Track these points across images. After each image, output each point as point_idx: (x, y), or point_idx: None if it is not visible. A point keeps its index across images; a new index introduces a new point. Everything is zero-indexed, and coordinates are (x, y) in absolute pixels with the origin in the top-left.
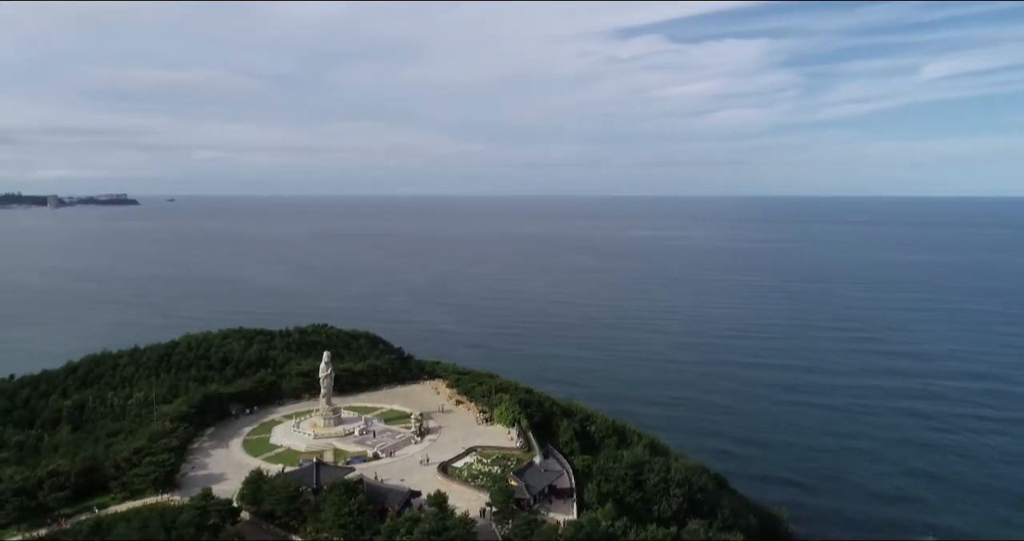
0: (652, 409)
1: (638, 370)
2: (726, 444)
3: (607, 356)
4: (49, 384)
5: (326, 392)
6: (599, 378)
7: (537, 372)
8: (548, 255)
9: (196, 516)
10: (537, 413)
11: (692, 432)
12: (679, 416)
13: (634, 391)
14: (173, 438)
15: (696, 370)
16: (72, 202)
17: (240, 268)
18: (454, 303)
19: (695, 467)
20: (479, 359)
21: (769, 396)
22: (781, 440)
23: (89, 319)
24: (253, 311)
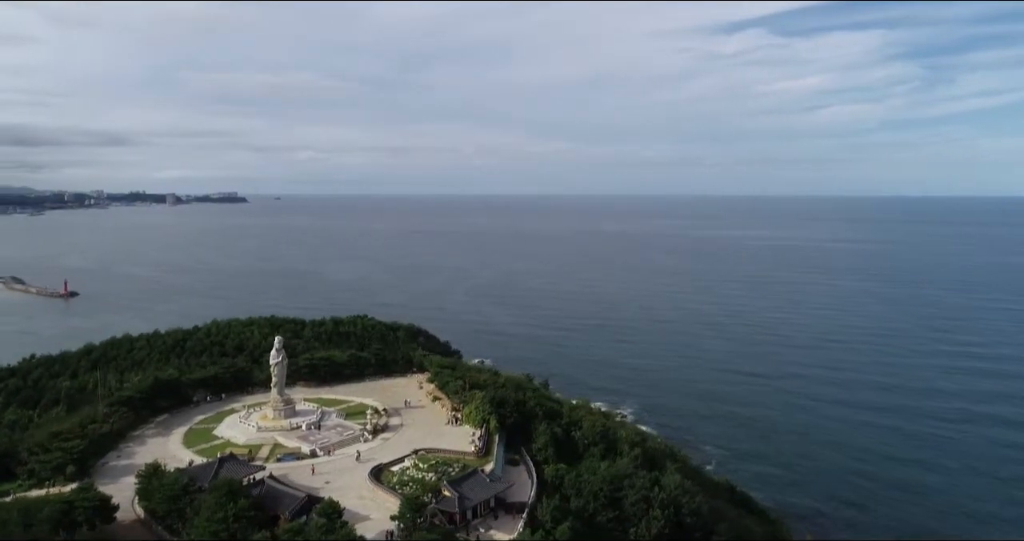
0: (708, 426)
1: (700, 380)
2: (778, 469)
3: (668, 363)
4: (63, 365)
5: (277, 381)
6: (653, 387)
7: (585, 377)
8: (626, 253)
9: (59, 512)
10: (512, 414)
11: (744, 455)
12: (734, 435)
13: (691, 404)
14: (105, 424)
15: (766, 383)
16: (188, 200)
17: (322, 262)
18: (517, 300)
19: (689, 487)
20: (525, 359)
21: (846, 417)
22: (848, 468)
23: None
24: (318, 302)
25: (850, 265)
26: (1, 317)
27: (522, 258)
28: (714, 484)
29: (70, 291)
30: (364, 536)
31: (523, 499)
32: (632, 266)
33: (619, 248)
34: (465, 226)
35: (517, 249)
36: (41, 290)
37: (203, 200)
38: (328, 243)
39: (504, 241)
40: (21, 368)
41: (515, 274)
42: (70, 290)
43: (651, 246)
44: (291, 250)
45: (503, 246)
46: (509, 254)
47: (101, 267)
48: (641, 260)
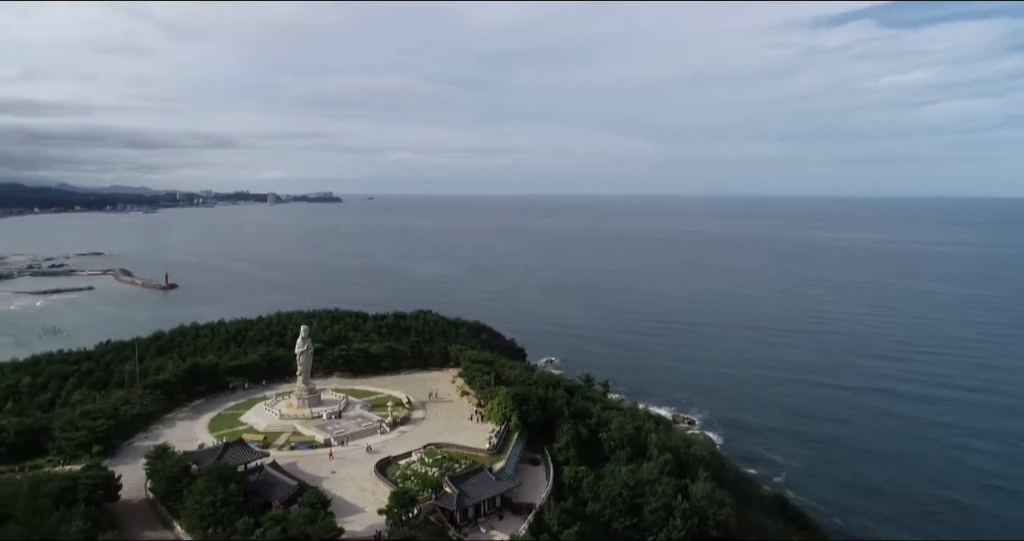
0: (781, 439)
1: (779, 390)
2: (851, 491)
3: (745, 370)
4: (132, 350)
5: (302, 370)
6: (726, 394)
7: (653, 380)
8: (711, 254)
9: (61, 488)
10: (535, 412)
11: (817, 472)
12: (809, 450)
13: (766, 414)
14: (136, 406)
15: (851, 397)
16: (287, 199)
17: (406, 259)
18: (593, 301)
19: (719, 497)
20: (592, 360)
21: (939, 439)
22: (936, 497)
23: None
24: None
25: (965, 271)
26: (108, 305)
27: (603, 259)
28: (761, 496)
29: (170, 283)
30: (344, 529)
31: (535, 500)
32: (717, 268)
33: (704, 249)
34: (547, 226)
35: (599, 250)
36: (145, 282)
37: (300, 199)
38: (414, 242)
39: (586, 242)
40: (96, 352)
41: (594, 274)
42: (170, 282)
43: (738, 248)
44: (378, 248)
45: (585, 246)
46: (591, 255)
47: (201, 261)
48: (726, 262)
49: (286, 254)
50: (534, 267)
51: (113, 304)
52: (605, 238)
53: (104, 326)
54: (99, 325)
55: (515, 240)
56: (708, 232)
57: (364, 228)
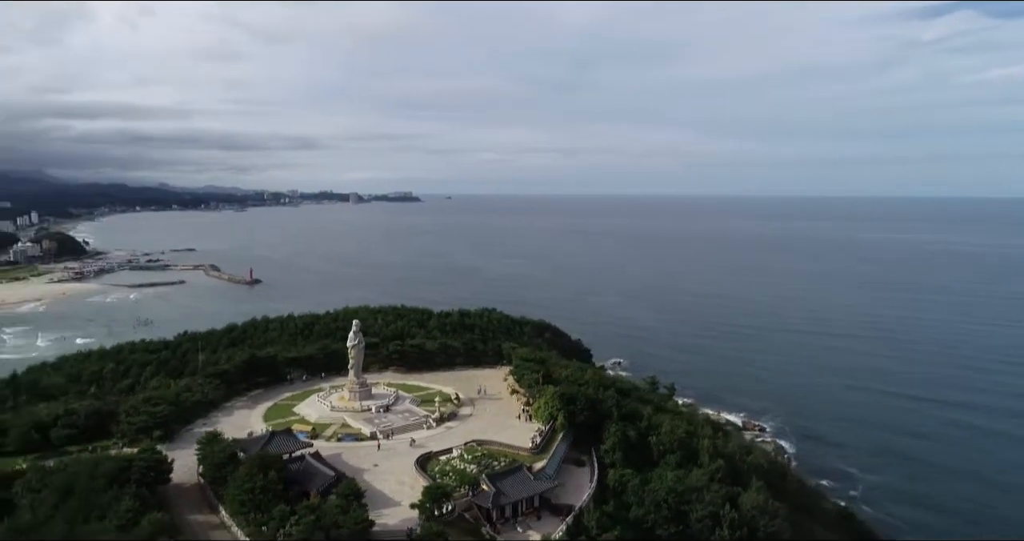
0: (860, 453)
1: (860, 400)
2: (933, 513)
3: (824, 378)
4: (206, 341)
5: (354, 364)
6: (803, 402)
7: (725, 385)
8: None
9: (116, 469)
10: (583, 412)
11: (898, 491)
12: (891, 466)
13: (846, 426)
14: (197, 393)
15: (942, 411)
16: (368, 199)
17: (481, 258)
18: (669, 303)
19: (772, 507)
20: (663, 363)
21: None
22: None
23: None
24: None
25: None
26: (196, 299)
27: (678, 259)
28: (824, 510)
29: (254, 278)
30: (377, 521)
31: (576, 502)
32: (795, 271)
33: (784, 251)
34: (624, 226)
35: (674, 250)
36: (231, 277)
37: (381, 199)
38: (489, 241)
39: (663, 242)
40: (173, 342)
41: (673, 276)
42: (254, 278)
43: (818, 250)
44: (453, 247)
45: (661, 247)
46: (666, 255)
47: (284, 258)
48: (805, 265)
49: (365, 252)
50: (608, 267)
51: (200, 298)
52: (681, 239)
53: (190, 318)
54: (186, 317)
55: (591, 240)
56: (790, 233)
57: (441, 227)
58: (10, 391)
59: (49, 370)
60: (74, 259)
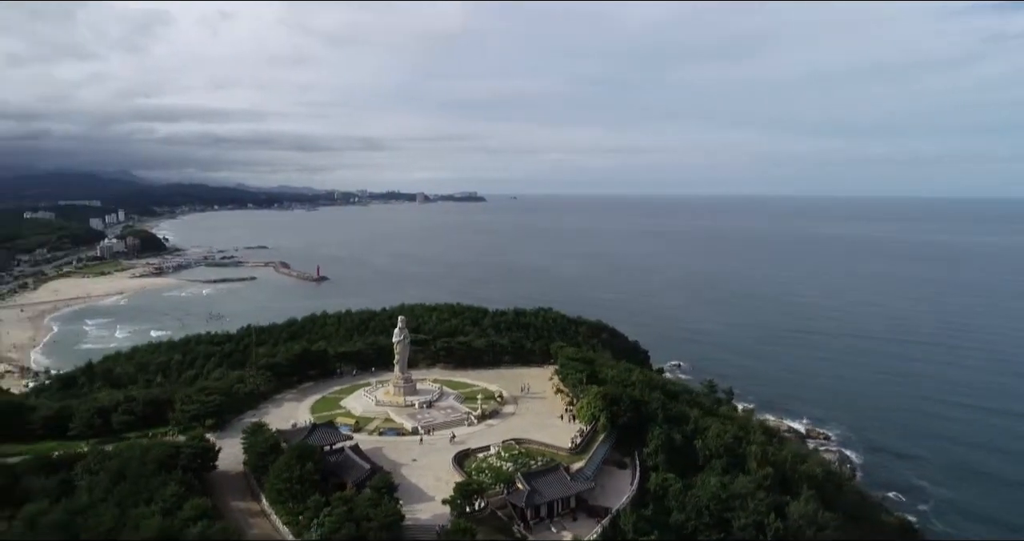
0: (932, 468)
1: (937, 412)
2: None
3: (898, 387)
4: (267, 335)
5: (399, 359)
6: (873, 412)
7: (790, 391)
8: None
9: (165, 455)
10: (626, 413)
11: (974, 509)
12: (967, 483)
13: (919, 439)
14: (248, 385)
15: (1018, 427)
16: (434, 199)
17: (543, 258)
18: (735, 306)
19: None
20: (724, 367)
21: None
22: None
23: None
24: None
25: None
26: (265, 294)
27: (752, 262)
28: (883, 523)
29: (321, 275)
30: (409, 515)
31: (614, 504)
32: (870, 275)
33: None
34: (696, 227)
35: (750, 253)
36: (300, 274)
37: (446, 199)
38: (553, 241)
39: (728, 243)
40: (236, 335)
41: (740, 278)
42: (321, 275)
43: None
44: (516, 246)
45: (734, 249)
46: (739, 257)
47: (351, 256)
48: (882, 268)
49: (429, 250)
50: (674, 268)
51: (269, 294)
52: (753, 240)
53: (258, 313)
54: (254, 312)
55: (657, 241)
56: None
57: (505, 227)
58: (86, 378)
59: (122, 360)
60: (155, 255)
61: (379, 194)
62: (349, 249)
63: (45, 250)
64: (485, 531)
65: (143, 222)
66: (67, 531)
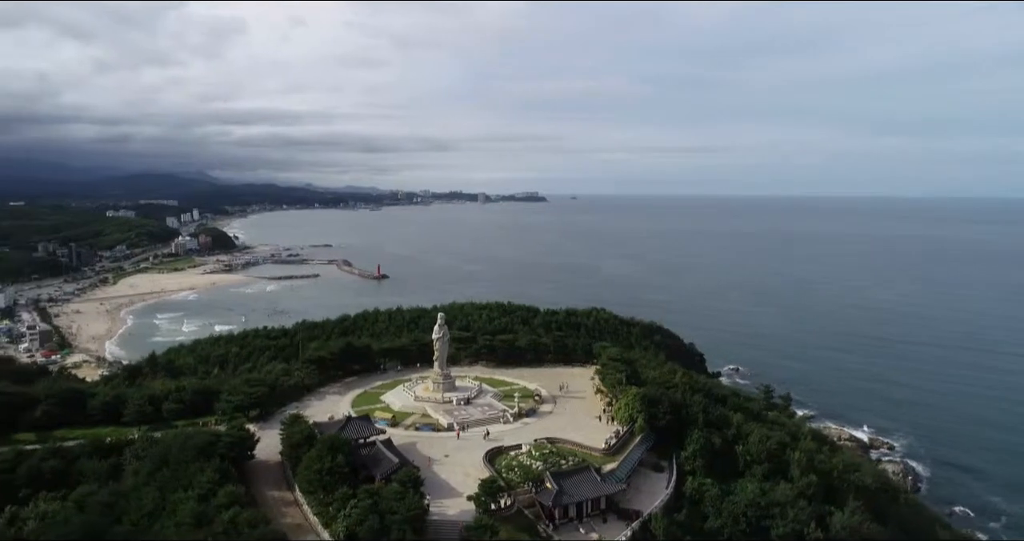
0: (1003, 485)
1: (1005, 426)
2: None
3: (964, 400)
4: (319, 330)
5: (438, 356)
6: (944, 423)
7: (852, 399)
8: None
9: (205, 443)
10: (665, 416)
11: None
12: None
13: (994, 451)
14: (293, 378)
15: None
16: (495, 199)
17: (601, 258)
18: (799, 310)
19: (868, 531)
20: (783, 372)
21: None
22: None
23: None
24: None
25: None
26: (327, 291)
27: (820, 264)
28: (937, 537)
29: (382, 274)
30: (435, 510)
31: (647, 507)
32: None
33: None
34: (763, 228)
35: (818, 254)
36: (361, 272)
37: (508, 199)
38: (611, 241)
39: (805, 245)
40: (291, 330)
41: (806, 282)
42: (382, 273)
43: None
44: (575, 246)
45: (802, 250)
46: (806, 259)
47: (412, 254)
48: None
49: (488, 250)
50: (736, 271)
51: (331, 291)
52: (822, 242)
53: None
54: (314, 308)
55: (720, 242)
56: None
57: (564, 227)
58: (149, 368)
59: (184, 352)
60: (225, 252)
61: (441, 194)
62: (410, 248)
63: (124, 247)
64: (508, 529)
65: (216, 221)
66: (112, 512)
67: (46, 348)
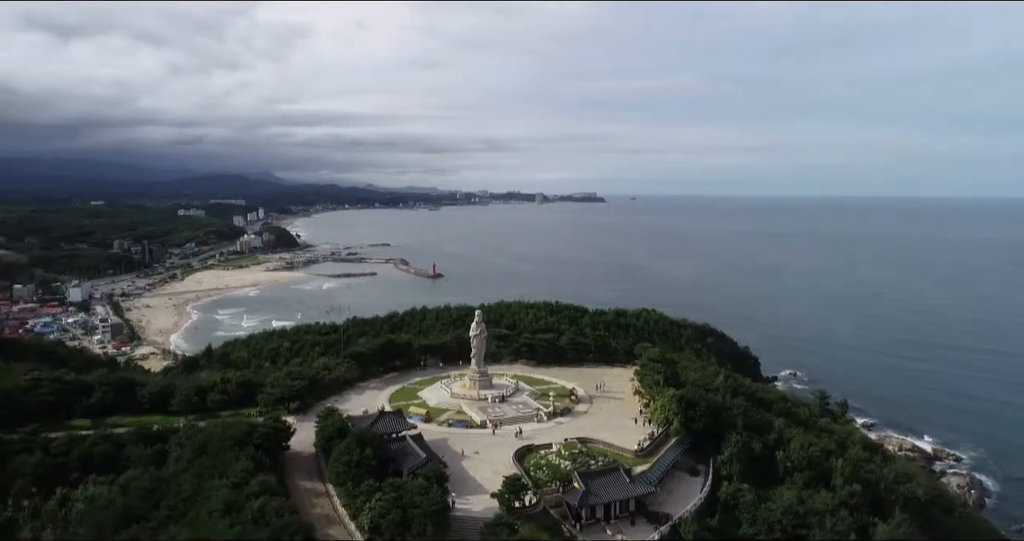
0: None
1: None
2: None
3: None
4: (368, 327)
5: (476, 353)
6: (1011, 441)
7: (919, 408)
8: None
9: (241, 433)
10: (701, 418)
11: None
12: None
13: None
14: (334, 372)
15: None
16: (553, 199)
17: (658, 259)
18: (866, 314)
19: None
20: (845, 379)
21: None
22: None
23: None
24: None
25: None
26: (383, 289)
27: (887, 268)
28: None
29: (437, 273)
30: (459, 506)
31: (679, 511)
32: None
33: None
34: (827, 230)
35: (885, 257)
36: (417, 271)
37: (566, 199)
38: (669, 242)
39: (872, 248)
40: (341, 326)
41: (873, 286)
42: (437, 272)
43: None
44: (631, 246)
45: (868, 253)
46: (873, 263)
47: (467, 254)
48: None
49: (543, 250)
50: (797, 273)
51: (386, 289)
52: (883, 244)
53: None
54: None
55: (782, 244)
56: None
57: (622, 228)
58: (205, 361)
59: (239, 346)
60: (287, 250)
61: (499, 194)
62: (466, 247)
63: (193, 244)
64: (531, 527)
65: (280, 220)
66: (152, 496)
67: (117, 340)
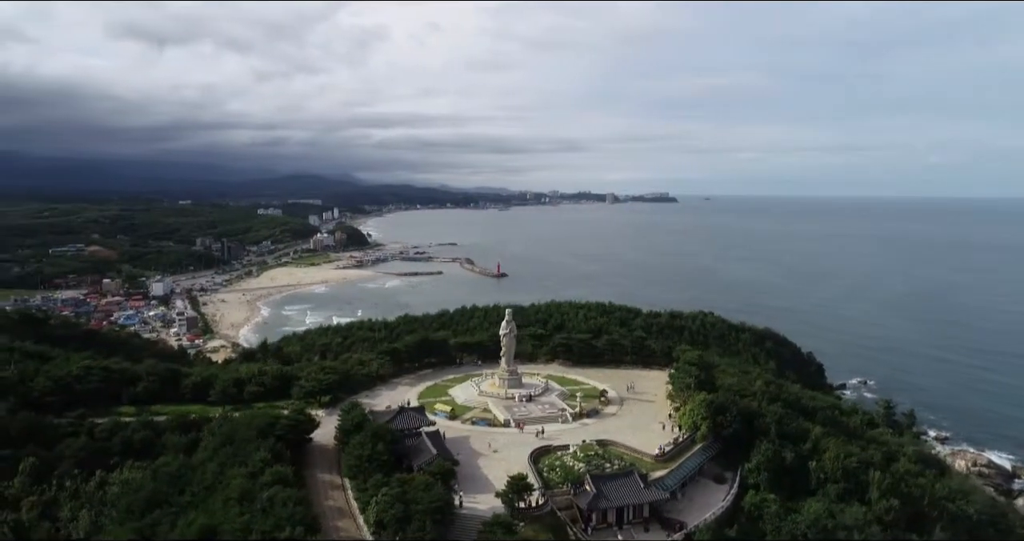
0: None
1: None
2: None
3: None
4: (418, 324)
5: (505, 352)
6: None
7: (994, 420)
8: None
9: (266, 425)
10: (731, 424)
11: None
12: None
13: None
14: (367, 367)
15: None
16: (624, 199)
17: (725, 260)
18: (940, 320)
19: None
20: (917, 388)
21: None
22: None
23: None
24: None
25: None
26: (447, 288)
27: (971, 275)
28: None
29: (501, 272)
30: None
31: (696, 519)
32: None
33: None
34: (905, 232)
35: (969, 263)
36: (482, 270)
37: (637, 199)
38: (741, 243)
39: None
40: (391, 323)
41: (951, 289)
42: (501, 271)
43: None
44: (701, 247)
45: (950, 258)
46: (955, 269)
47: (533, 254)
48: None
49: (610, 250)
50: (874, 278)
51: (450, 288)
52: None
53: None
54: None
55: (857, 246)
56: None
57: (692, 228)
58: (262, 355)
59: (294, 340)
60: (358, 249)
61: (569, 194)
62: (532, 247)
63: (269, 242)
64: (534, 528)
65: (353, 219)
66: (179, 483)
67: (192, 333)
